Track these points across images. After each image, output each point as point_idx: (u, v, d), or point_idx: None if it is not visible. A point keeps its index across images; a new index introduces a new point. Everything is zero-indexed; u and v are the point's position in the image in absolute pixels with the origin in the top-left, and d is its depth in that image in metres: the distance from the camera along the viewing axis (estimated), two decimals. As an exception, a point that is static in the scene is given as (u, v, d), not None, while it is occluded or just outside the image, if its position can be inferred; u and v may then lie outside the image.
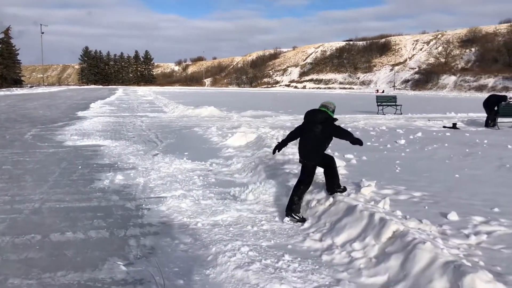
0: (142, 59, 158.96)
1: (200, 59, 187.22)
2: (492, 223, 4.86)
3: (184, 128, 15.47)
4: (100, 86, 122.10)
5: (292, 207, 5.34)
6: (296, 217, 5.30)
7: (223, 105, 29.74)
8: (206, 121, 17.91)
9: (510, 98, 17.02)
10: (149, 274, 3.86)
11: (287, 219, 5.31)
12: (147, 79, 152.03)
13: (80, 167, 8.50)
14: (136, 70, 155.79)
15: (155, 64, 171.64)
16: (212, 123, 16.94)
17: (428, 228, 4.70)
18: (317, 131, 5.31)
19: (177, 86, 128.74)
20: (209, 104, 25.39)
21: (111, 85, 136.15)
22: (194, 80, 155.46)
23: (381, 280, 3.66)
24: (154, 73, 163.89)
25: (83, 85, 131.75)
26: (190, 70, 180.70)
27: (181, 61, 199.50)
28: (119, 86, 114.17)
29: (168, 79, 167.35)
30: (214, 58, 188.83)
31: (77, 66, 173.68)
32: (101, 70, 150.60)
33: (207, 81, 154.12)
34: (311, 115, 5.49)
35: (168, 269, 3.97)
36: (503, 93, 36.60)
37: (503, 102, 15.90)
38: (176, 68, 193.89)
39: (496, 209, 5.39)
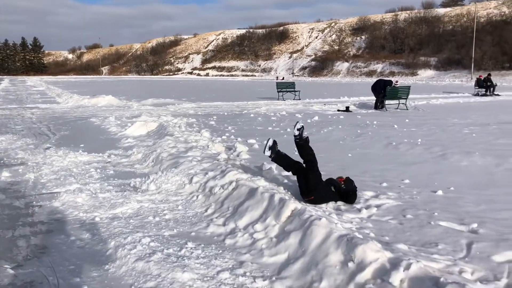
0: (30, 46, 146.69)
1: (96, 46, 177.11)
2: (381, 197, 5.27)
3: (80, 119, 14.61)
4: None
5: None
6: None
7: (122, 93, 28.62)
8: (103, 111, 17.08)
9: (396, 82, 18.46)
10: (41, 275, 3.59)
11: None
12: (38, 68, 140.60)
13: (-42, 165, 7.65)
14: (24, 59, 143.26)
15: (46, 52, 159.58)
16: (110, 112, 16.21)
17: (324, 205, 4.95)
18: None
19: (71, 75, 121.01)
20: (107, 93, 24.16)
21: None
22: (90, 68, 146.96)
23: (282, 258, 3.77)
24: (45, 62, 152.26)
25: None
26: (86, 58, 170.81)
27: (75, 48, 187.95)
28: (5, 76, 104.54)
29: (61, 68, 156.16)
30: (111, 45, 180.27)
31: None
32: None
33: (105, 69, 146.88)
34: None
35: (63, 268, 3.73)
36: (389, 78, 39.65)
37: (389, 86, 17.21)
38: (70, 56, 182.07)
39: (384, 184, 5.85)
